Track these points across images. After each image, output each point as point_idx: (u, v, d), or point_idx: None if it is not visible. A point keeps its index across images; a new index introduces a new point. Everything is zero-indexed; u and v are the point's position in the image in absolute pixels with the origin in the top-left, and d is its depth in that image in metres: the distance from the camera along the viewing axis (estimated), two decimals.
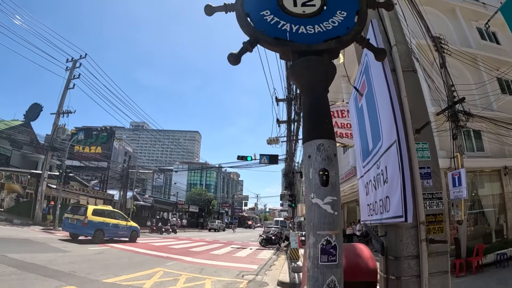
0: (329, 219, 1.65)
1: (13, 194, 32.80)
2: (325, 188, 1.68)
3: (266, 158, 17.57)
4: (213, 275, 11.84)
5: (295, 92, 10.94)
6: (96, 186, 42.00)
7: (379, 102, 3.05)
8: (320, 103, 1.88)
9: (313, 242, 1.66)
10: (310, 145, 1.78)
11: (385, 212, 2.93)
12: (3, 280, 7.79)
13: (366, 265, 2.52)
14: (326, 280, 1.60)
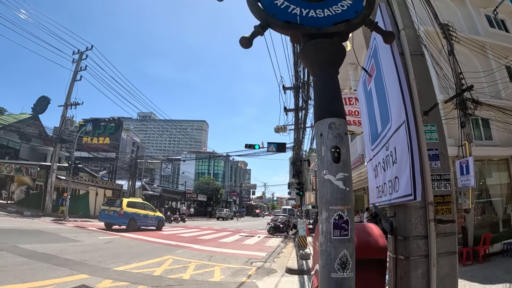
0: (341, 194, 1.70)
1: (23, 187, 33.18)
2: (337, 164, 1.72)
3: (274, 146, 17.54)
4: (222, 262, 11.96)
5: (302, 80, 10.90)
6: (105, 176, 42.37)
7: (388, 85, 3.06)
8: (330, 83, 1.92)
9: (326, 217, 1.70)
10: (321, 123, 1.82)
11: (394, 192, 2.97)
12: (16, 270, 7.93)
13: (376, 243, 2.56)
14: (339, 254, 1.64)
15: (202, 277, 9.35)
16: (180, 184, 77.66)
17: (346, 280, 1.63)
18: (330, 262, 1.65)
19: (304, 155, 28.23)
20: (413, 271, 2.78)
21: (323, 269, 1.68)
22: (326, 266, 1.66)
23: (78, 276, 8.01)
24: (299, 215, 27.11)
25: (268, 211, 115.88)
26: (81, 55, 30.95)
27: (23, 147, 41.63)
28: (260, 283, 8.99)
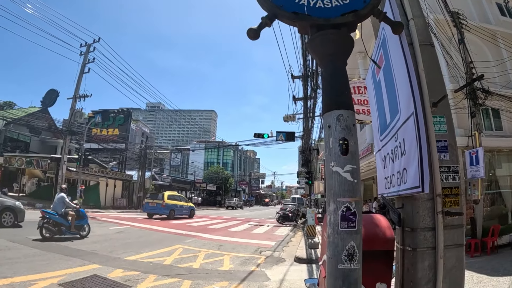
0: (349, 186, 1.70)
1: (34, 179, 33.64)
2: (345, 156, 1.72)
3: (283, 135, 17.54)
4: (231, 251, 12.06)
5: (311, 69, 10.85)
6: (115, 167, 42.71)
7: (397, 75, 3.04)
8: (338, 75, 1.91)
9: (334, 209, 1.71)
10: (330, 115, 1.82)
11: (402, 184, 2.96)
12: (28, 261, 8.08)
13: (383, 235, 2.55)
14: (346, 245, 1.65)
15: (212, 266, 9.45)
16: (190, 174, 78.14)
17: (353, 272, 1.64)
18: (338, 253, 1.66)
19: (313, 144, 28.19)
20: (420, 263, 2.78)
21: (331, 260, 1.69)
22: (334, 257, 1.68)
23: (89, 266, 8.15)
24: (308, 204, 27.14)
25: (277, 199, 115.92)
26: (89, 48, 31.02)
27: (33, 140, 42.08)
28: (269, 272, 9.07)
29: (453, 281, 2.79)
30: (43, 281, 6.53)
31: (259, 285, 7.69)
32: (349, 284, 1.63)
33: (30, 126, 39.04)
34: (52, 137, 43.14)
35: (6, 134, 39.82)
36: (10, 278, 6.47)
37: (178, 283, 7.35)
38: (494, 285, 7.11)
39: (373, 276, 2.40)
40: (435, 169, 2.72)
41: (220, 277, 8.21)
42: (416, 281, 2.77)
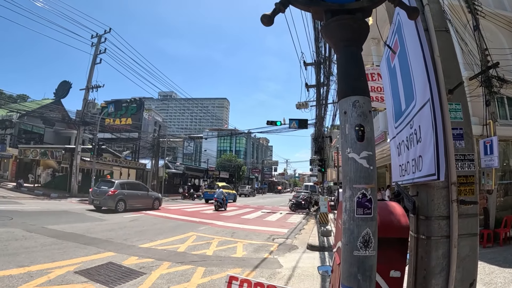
0: (365, 173, 1.69)
1: (49, 170, 34.16)
2: (361, 143, 1.70)
3: (296, 122, 17.45)
4: (244, 238, 12.16)
5: (324, 55, 10.73)
6: (128, 156, 43.07)
7: (412, 61, 2.98)
8: (354, 60, 1.88)
9: (349, 196, 1.70)
10: (345, 101, 1.79)
11: (417, 171, 2.92)
12: (45, 249, 8.24)
13: (398, 222, 2.52)
14: (361, 232, 1.64)
15: (225, 253, 9.55)
16: (203, 162, 78.54)
17: (368, 258, 1.63)
18: (353, 240, 1.65)
19: (326, 132, 28.03)
20: (434, 251, 2.76)
21: (346, 246, 1.69)
22: (349, 244, 1.67)
23: (105, 254, 8.30)
24: (320, 192, 27.11)
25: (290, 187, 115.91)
26: (100, 39, 31.14)
27: (47, 131, 42.69)
28: (281, 259, 9.16)
29: (466, 271, 2.77)
30: (59, 269, 6.67)
31: (271, 272, 7.76)
32: (364, 271, 1.62)
33: (43, 118, 39.57)
34: (65, 128, 43.61)
35: (20, 126, 40.48)
36: (27, 267, 6.63)
37: (192, 270, 7.45)
38: (505, 277, 7.04)
39: (387, 263, 2.38)
40: (451, 157, 2.67)
41: (233, 264, 8.32)
42: (430, 270, 2.76)
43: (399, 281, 2.46)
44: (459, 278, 2.71)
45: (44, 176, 33.56)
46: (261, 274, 7.54)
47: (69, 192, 28.14)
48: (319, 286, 6.80)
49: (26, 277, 6.04)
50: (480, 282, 2.88)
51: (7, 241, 8.71)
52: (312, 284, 6.86)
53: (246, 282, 2.92)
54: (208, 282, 6.65)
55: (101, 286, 5.96)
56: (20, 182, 28.75)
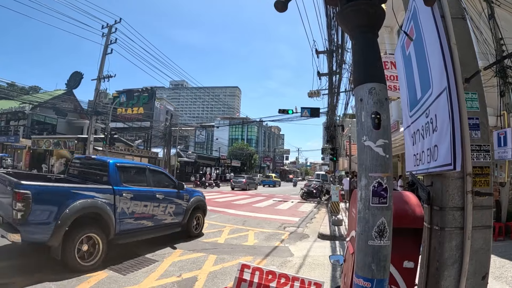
0: (381, 161, 1.66)
1: (62, 159, 34.54)
2: (377, 131, 1.68)
3: (308, 111, 17.30)
4: (255, 226, 12.21)
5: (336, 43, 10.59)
6: (141, 145, 43.38)
7: (429, 49, 2.91)
8: (370, 47, 1.84)
9: (365, 184, 1.68)
10: (361, 88, 1.76)
11: (432, 161, 2.87)
12: None
13: (413, 212, 2.49)
14: (377, 221, 1.62)
15: (237, 241, 9.62)
16: (215, 150, 78.74)
17: (383, 248, 1.61)
18: (368, 229, 1.64)
19: (337, 121, 27.85)
20: (448, 243, 2.72)
21: (361, 236, 1.67)
22: (364, 233, 1.65)
23: None
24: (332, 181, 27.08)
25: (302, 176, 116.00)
26: (110, 29, 31.10)
27: (59, 122, 43.16)
28: (292, 248, 9.21)
29: (479, 263, 2.74)
30: None
31: (282, 260, 7.81)
32: (379, 261, 1.60)
33: (56, 109, 39.92)
34: (78, 118, 44.04)
35: (33, 117, 40.99)
36: None
37: (204, 258, 7.52)
38: None
39: (401, 253, 2.36)
40: (466, 147, 2.61)
41: (245, 252, 8.38)
42: (443, 261, 2.73)
43: (413, 272, 2.44)
44: (471, 271, 2.68)
45: (57, 166, 33.90)
46: (272, 262, 7.59)
47: None
48: (329, 275, 6.83)
49: None
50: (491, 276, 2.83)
51: None
52: (323, 273, 6.89)
53: (258, 270, 2.92)
54: (219, 270, 6.72)
55: (114, 273, 6.05)
56: (34, 172, 29.06)
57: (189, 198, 9.80)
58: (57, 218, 5.78)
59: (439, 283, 2.73)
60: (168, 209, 8.73)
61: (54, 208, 5.81)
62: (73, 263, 5.94)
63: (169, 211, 8.79)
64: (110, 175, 7.35)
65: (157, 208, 8.32)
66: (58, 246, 5.82)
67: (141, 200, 7.78)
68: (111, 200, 6.96)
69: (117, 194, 7.12)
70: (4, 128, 42.46)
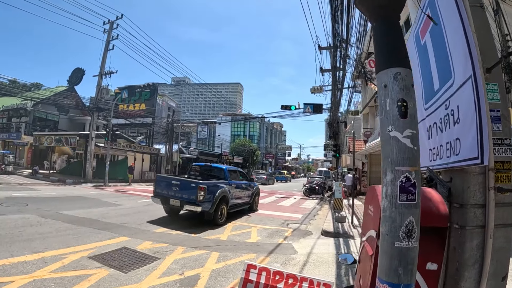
0: (409, 154, 1.51)
1: (64, 156, 34.62)
2: (404, 120, 1.51)
3: (310, 107, 17.24)
4: (258, 223, 12.15)
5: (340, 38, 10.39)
6: (143, 141, 43.25)
7: (449, 36, 2.72)
8: (392, 29, 1.68)
9: (391, 179, 1.52)
10: (386, 73, 1.60)
11: (453, 155, 2.70)
12: (59, 235, 8.26)
13: (437, 210, 2.32)
14: (404, 221, 1.47)
15: (239, 238, 9.54)
16: (216, 147, 78.61)
17: (410, 250, 1.45)
18: (395, 229, 1.48)
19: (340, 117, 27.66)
20: (469, 242, 2.55)
21: (386, 237, 1.51)
22: (390, 234, 1.49)
23: (119, 239, 8.31)
24: (334, 178, 26.95)
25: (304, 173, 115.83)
26: (112, 25, 31.00)
27: (61, 118, 43.17)
28: (296, 245, 9.12)
29: (500, 263, 2.57)
30: (73, 255, 6.68)
31: (286, 258, 7.71)
32: (406, 264, 1.45)
33: (58, 105, 39.94)
34: (80, 115, 43.97)
35: (35, 114, 41.05)
36: (42, 253, 6.65)
37: (206, 255, 7.42)
38: None
39: (424, 255, 2.18)
40: (489, 141, 2.44)
41: (248, 250, 8.28)
42: (463, 262, 2.56)
43: (436, 274, 2.28)
44: (492, 271, 2.52)
45: (59, 162, 33.91)
46: (276, 259, 7.49)
47: (84, 178, 28.37)
48: (334, 273, 6.74)
49: (40, 263, 6.05)
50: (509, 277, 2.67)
51: (22, 227, 8.75)
52: (327, 271, 6.80)
53: (265, 270, 2.80)
54: (222, 268, 6.60)
55: (115, 271, 5.92)
56: (36, 169, 29.10)
57: (253, 186, 15.95)
58: (213, 198, 11.23)
59: (458, 285, 2.57)
60: (246, 192, 14.67)
61: (212, 193, 11.28)
62: (216, 220, 11.35)
63: (246, 194, 14.71)
64: (225, 175, 13.31)
65: (242, 192, 14.24)
66: (212, 212, 11.13)
67: (237, 188, 13.66)
68: (228, 188, 12.48)
69: (230, 185, 12.78)
70: (6, 125, 42.50)
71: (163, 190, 11.60)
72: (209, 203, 11.01)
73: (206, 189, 10.85)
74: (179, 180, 11.50)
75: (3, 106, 42.81)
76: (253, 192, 15.50)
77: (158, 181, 12.06)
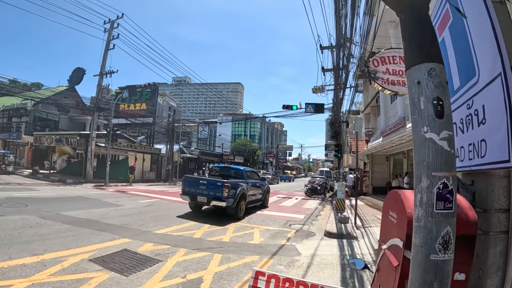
0: (446, 157, 1.36)
1: (64, 156, 34.55)
2: (441, 120, 1.37)
3: (312, 107, 17.16)
4: (260, 224, 12.06)
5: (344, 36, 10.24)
6: (143, 141, 43.10)
7: (474, 32, 2.57)
8: (423, 21, 1.53)
9: (427, 186, 1.38)
10: (418, 69, 1.46)
11: (477, 157, 2.55)
12: (59, 237, 8.14)
13: (466, 217, 2.17)
14: (441, 231, 1.34)
15: (242, 240, 9.43)
16: (217, 146, 78.55)
17: (446, 263, 1.33)
18: (431, 241, 1.34)
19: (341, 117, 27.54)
20: (492, 248, 2.43)
21: (420, 249, 1.37)
22: (425, 245, 1.36)
23: (119, 241, 8.17)
24: (336, 178, 26.83)
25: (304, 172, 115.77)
26: (112, 24, 30.87)
27: (62, 118, 43.11)
28: (299, 246, 9.00)
29: None
30: (73, 257, 6.54)
31: (290, 260, 7.59)
32: (442, 278, 1.33)
33: (58, 105, 39.90)
34: (80, 115, 43.88)
35: (35, 114, 40.96)
36: (41, 255, 6.50)
37: (209, 257, 7.29)
38: None
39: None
40: None
41: (251, 251, 8.14)
42: (486, 269, 2.44)
43: (463, 284, 2.13)
44: None
45: (59, 162, 33.78)
46: (279, 262, 7.35)
47: (85, 178, 28.26)
48: (339, 275, 6.62)
49: (40, 266, 5.90)
50: None
51: (22, 228, 8.59)
52: (332, 273, 6.68)
53: (274, 277, 2.65)
54: (225, 271, 6.46)
55: (116, 274, 5.79)
56: (36, 169, 29.01)
57: (265, 185, 17.74)
58: (235, 194, 12.77)
59: None
60: (259, 190, 16.32)
61: (234, 190, 12.81)
62: (237, 215, 12.88)
63: (259, 192, 16.37)
64: (243, 174, 15.20)
65: (256, 190, 15.89)
66: (234, 207, 12.65)
67: (253, 186, 15.33)
68: (246, 186, 14.07)
69: (247, 183, 14.41)
70: (6, 124, 42.39)
71: (191, 189, 13.14)
72: (232, 199, 12.54)
73: (230, 187, 12.41)
74: (206, 180, 13.16)
75: (3, 106, 42.72)
76: (264, 190, 17.32)
77: (186, 181, 13.58)
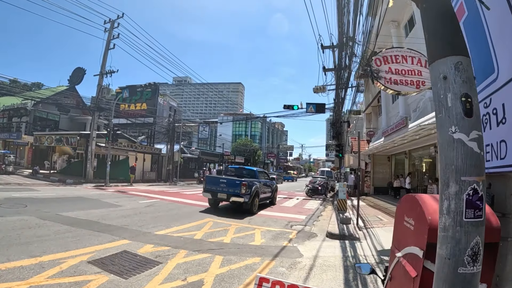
0: (476, 160, 1.24)
1: (64, 156, 34.57)
2: (470, 119, 1.25)
3: (313, 107, 17.09)
4: (261, 225, 11.99)
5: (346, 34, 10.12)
6: (144, 141, 43.04)
7: (492, 27, 2.43)
8: (446, 11, 1.39)
9: (455, 192, 1.25)
10: (444, 63, 1.33)
11: (495, 159, 2.42)
12: (58, 238, 8.05)
13: (489, 223, 2.03)
14: (471, 242, 1.21)
15: (243, 241, 9.35)
16: (218, 146, 78.48)
17: (474, 277, 1.19)
18: (459, 252, 1.21)
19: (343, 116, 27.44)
20: (510, 255, 2.31)
21: (447, 261, 1.24)
22: (452, 258, 1.23)
23: (119, 242, 8.08)
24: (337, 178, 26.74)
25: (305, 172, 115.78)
26: (113, 24, 30.81)
27: (62, 118, 43.14)
28: (301, 248, 8.91)
29: None
30: (72, 259, 6.42)
31: (292, 261, 7.49)
32: None
33: (58, 105, 39.89)
34: (80, 114, 43.91)
35: (35, 114, 40.97)
36: (39, 257, 6.38)
37: (210, 259, 7.19)
38: None
39: None
40: None
41: (252, 253, 8.04)
42: (503, 276, 2.31)
43: None
44: None
45: (59, 162, 33.73)
46: (281, 263, 7.24)
47: (85, 178, 28.20)
48: (342, 277, 6.54)
49: (38, 268, 5.79)
50: None
51: (20, 229, 8.48)
52: (335, 276, 6.60)
53: (279, 284, 2.53)
54: (226, 273, 6.35)
55: (115, 277, 5.67)
56: (36, 169, 28.95)
57: (273, 184, 19.43)
58: (251, 192, 14.50)
59: None
60: (269, 189, 18.04)
61: (250, 188, 14.50)
62: (252, 210, 14.64)
63: (269, 190, 18.07)
64: (256, 174, 17.16)
65: (266, 188, 17.60)
66: (249, 203, 14.37)
67: (264, 185, 17.08)
68: (259, 185, 15.81)
69: (259, 182, 16.11)
70: (6, 124, 42.36)
71: (212, 187, 14.87)
72: (248, 196, 14.28)
73: (247, 185, 14.21)
74: (225, 179, 14.91)
75: (3, 106, 42.67)
76: (273, 189, 19.16)
77: (208, 180, 15.46)
